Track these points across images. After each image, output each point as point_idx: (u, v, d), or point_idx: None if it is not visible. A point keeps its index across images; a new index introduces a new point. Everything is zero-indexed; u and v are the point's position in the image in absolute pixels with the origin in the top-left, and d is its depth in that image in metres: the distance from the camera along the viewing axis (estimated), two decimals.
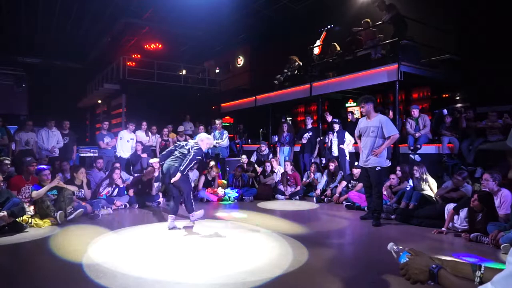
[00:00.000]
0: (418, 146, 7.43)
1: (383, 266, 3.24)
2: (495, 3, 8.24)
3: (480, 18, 8.51)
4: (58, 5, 13.69)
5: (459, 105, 9.07)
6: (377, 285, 2.98)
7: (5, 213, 4.49)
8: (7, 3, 13.60)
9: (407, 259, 1.40)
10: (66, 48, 18.45)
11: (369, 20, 9.15)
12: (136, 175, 7.70)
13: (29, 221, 4.86)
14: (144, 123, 9.34)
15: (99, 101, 19.55)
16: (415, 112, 7.67)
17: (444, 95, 9.85)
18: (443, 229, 4.62)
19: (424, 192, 5.82)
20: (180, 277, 3.07)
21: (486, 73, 8.08)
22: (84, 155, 11.25)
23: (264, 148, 9.50)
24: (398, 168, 6.52)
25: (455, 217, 4.62)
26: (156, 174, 7.26)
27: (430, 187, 5.90)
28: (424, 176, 5.96)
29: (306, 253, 3.73)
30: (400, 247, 1.50)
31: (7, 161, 6.03)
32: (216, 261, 3.52)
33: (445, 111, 7.94)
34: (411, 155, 7.38)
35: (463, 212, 4.52)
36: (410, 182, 6.17)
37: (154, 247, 4.02)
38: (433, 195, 5.80)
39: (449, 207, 4.73)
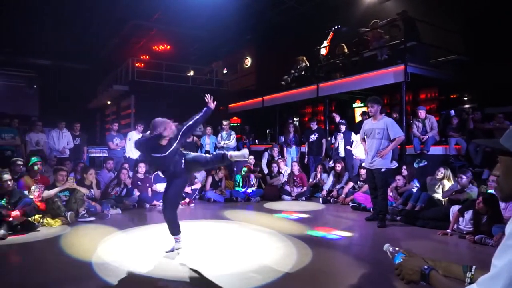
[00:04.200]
0: (425, 151, 7.32)
1: (387, 268, 3.27)
2: (503, 3, 8.17)
3: (488, 18, 8.45)
4: (68, 7, 13.93)
5: (466, 106, 9.02)
6: (381, 286, 3.02)
7: (18, 212, 4.63)
8: (18, 6, 13.88)
9: (402, 260, 1.45)
10: (76, 49, 18.71)
11: (377, 20, 9.14)
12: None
13: (41, 220, 5.00)
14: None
15: (109, 102, 19.79)
16: (422, 113, 7.53)
17: (451, 96, 9.78)
18: (447, 230, 4.63)
19: (434, 194, 5.73)
20: (186, 275, 3.15)
21: (494, 73, 8.01)
22: (94, 155, 11.43)
23: (276, 149, 9.52)
24: (404, 167, 6.50)
25: (460, 219, 4.62)
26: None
27: (443, 191, 5.73)
28: (445, 180, 5.76)
29: (310, 254, 3.78)
30: (396, 248, 1.54)
31: (19, 162, 6.17)
32: (221, 260, 3.59)
33: (452, 112, 7.89)
34: (415, 164, 7.14)
35: (468, 214, 4.52)
36: (416, 183, 6.15)
37: (161, 246, 4.10)
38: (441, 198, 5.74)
39: (454, 209, 4.74)
